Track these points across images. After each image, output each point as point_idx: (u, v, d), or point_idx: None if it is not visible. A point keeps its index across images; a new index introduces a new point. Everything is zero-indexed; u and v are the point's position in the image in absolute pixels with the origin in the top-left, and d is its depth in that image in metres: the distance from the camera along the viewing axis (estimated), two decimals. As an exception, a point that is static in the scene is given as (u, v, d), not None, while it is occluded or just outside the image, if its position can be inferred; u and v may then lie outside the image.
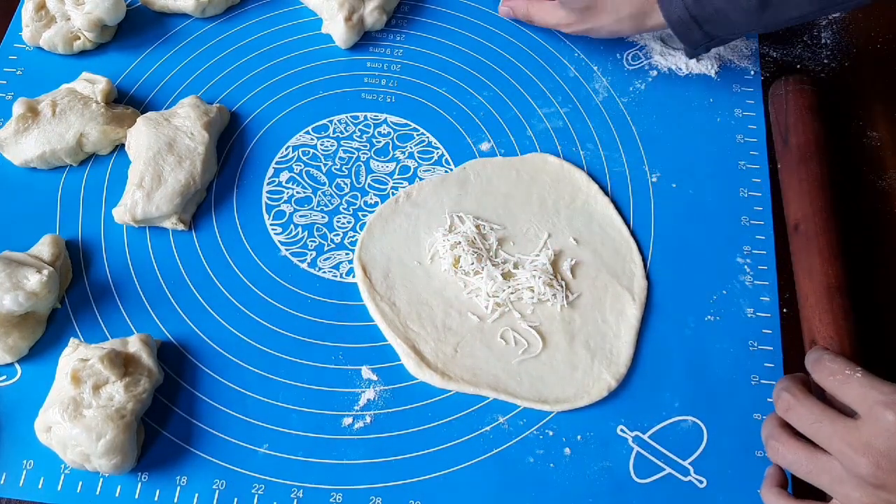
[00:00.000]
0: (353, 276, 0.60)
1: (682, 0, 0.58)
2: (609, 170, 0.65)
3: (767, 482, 0.50)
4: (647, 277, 0.60)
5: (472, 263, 0.59)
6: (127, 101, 0.68)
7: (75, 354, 0.53)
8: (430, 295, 0.59)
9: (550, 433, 0.54)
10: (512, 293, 0.58)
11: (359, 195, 0.64)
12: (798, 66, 0.70)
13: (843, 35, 0.72)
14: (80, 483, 0.53)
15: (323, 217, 0.63)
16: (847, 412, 0.46)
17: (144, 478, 0.53)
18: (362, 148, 0.66)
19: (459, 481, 0.53)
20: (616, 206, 0.63)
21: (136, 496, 0.52)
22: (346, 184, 0.65)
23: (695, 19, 0.58)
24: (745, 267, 0.61)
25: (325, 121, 0.68)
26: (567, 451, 0.54)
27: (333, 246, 0.62)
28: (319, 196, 0.64)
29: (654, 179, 0.65)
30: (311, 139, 0.67)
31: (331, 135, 0.67)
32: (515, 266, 0.59)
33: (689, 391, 0.56)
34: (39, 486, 0.53)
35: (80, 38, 0.69)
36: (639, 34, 0.68)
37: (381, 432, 0.55)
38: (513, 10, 0.71)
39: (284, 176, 0.65)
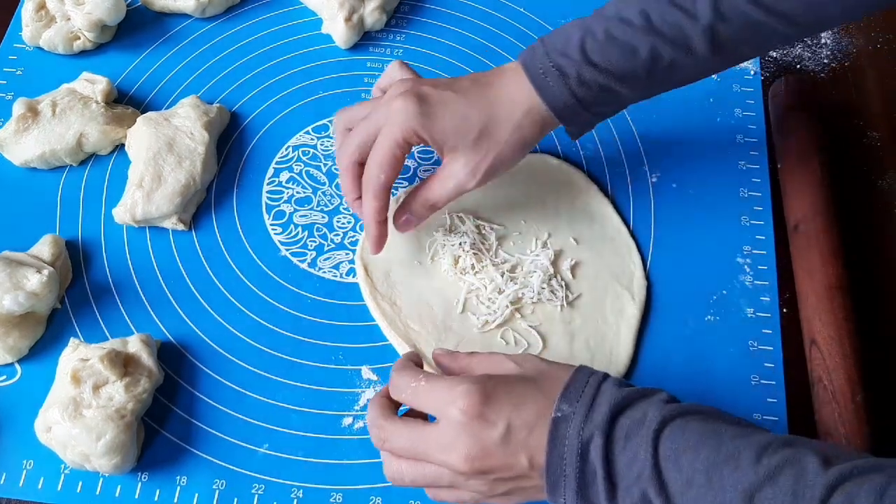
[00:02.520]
0: (354, 276, 0.60)
1: (566, 84, 0.51)
2: (609, 170, 0.65)
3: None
4: (647, 277, 0.60)
5: (473, 263, 0.59)
6: (127, 101, 0.68)
7: (75, 354, 0.53)
8: (430, 295, 0.59)
9: (550, 433, 0.54)
10: (512, 293, 0.58)
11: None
12: (798, 66, 0.70)
13: (843, 35, 0.72)
14: (80, 483, 0.53)
15: (323, 217, 0.63)
16: None
17: (144, 478, 0.53)
18: (362, 148, 0.66)
19: (459, 481, 0.53)
20: (616, 206, 0.63)
21: (136, 496, 0.52)
22: (346, 184, 0.65)
23: (580, 102, 0.52)
24: (745, 267, 0.61)
25: (325, 121, 0.68)
26: (567, 451, 0.54)
27: (333, 246, 0.62)
28: (319, 196, 0.64)
29: (654, 179, 0.65)
30: (311, 139, 0.67)
31: (331, 135, 0.67)
32: (515, 266, 0.59)
33: (688, 391, 0.56)
34: (39, 486, 0.53)
35: (80, 38, 0.70)
36: (543, 136, 0.55)
37: (381, 432, 0.54)
38: (409, 213, 0.56)
39: (284, 176, 0.65)
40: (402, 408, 0.48)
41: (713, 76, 0.68)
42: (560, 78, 0.51)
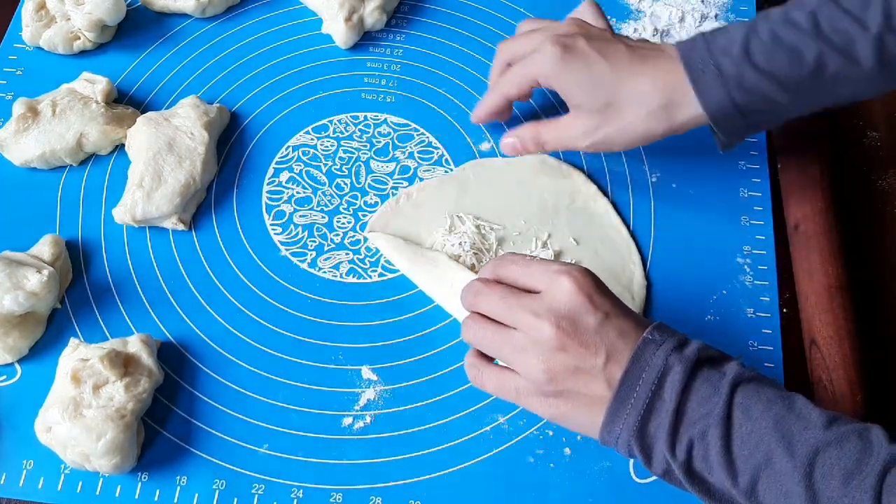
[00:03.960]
0: (354, 276, 0.60)
1: (724, 85, 0.49)
2: (609, 170, 0.65)
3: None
4: (647, 277, 0.60)
5: (473, 263, 0.59)
6: (127, 101, 0.68)
7: (75, 354, 0.53)
8: (431, 295, 0.59)
9: (550, 433, 0.54)
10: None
11: (359, 195, 0.64)
12: (798, 66, 0.70)
13: (843, 35, 0.72)
14: (80, 483, 0.53)
15: (323, 217, 0.63)
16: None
17: (144, 478, 0.53)
18: (362, 148, 0.66)
19: (459, 481, 0.53)
20: (616, 206, 0.63)
21: (136, 496, 0.52)
22: (346, 184, 0.65)
23: (737, 107, 0.50)
24: (745, 267, 0.61)
25: (325, 121, 0.68)
26: (567, 451, 0.54)
27: (333, 246, 0.62)
28: (319, 196, 0.64)
29: (654, 179, 0.65)
30: (311, 139, 0.67)
31: (331, 135, 0.67)
32: (515, 266, 0.59)
33: (689, 391, 0.56)
34: (39, 486, 0.53)
35: (80, 38, 0.69)
36: (670, 134, 0.54)
37: (381, 432, 0.55)
38: (519, 139, 0.61)
39: (284, 176, 0.65)
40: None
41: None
42: (718, 77, 0.49)
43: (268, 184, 0.65)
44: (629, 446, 0.43)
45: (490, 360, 0.48)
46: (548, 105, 0.68)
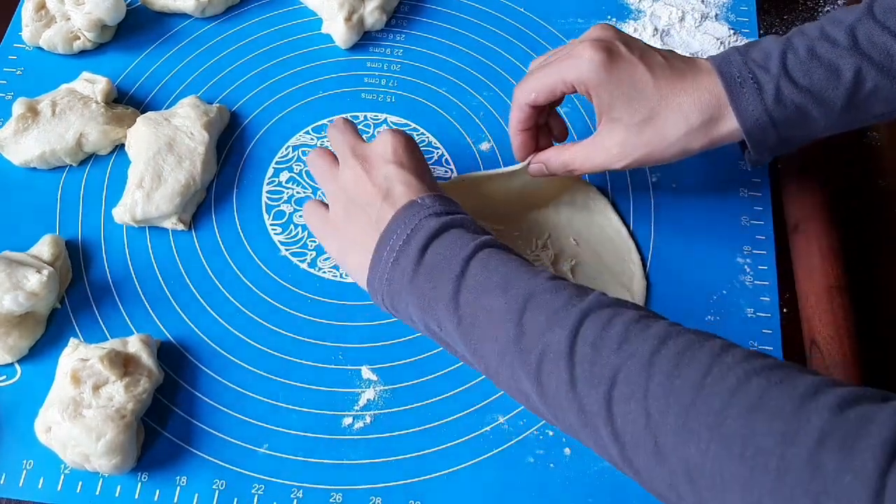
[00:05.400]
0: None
1: (761, 99, 0.48)
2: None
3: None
4: (647, 277, 0.60)
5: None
6: (127, 101, 0.68)
7: (75, 354, 0.53)
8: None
9: (550, 433, 0.54)
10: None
11: (359, 195, 0.64)
12: (798, 66, 0.70)
13: (843, 35, 0.72)
14: (80, 483, 0.53)
15: (323, 217, 0.63)
16: None
17: (144, 478, 0.53)
18: (362, 148, 0.66)
19: (459, 481, 0.53)
20: (616, 207, 0.63)
21: (136, 496, 0.52)
22: (346, 184, 0.65)
23: (773, 121, 0.49)
24: (745, 267, 0.61)
25: (325, 121, 0.68)
26: (567, 451, 0.54)
27: (333, 246, 0.62)
28: (319, 196, 0.64)
29: (654, 179, 0.64)
30: (311, 139, 0.67)
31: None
32: (515, 266, 0.59)
33: (689, 391, 0.56)
34: (39, 486, 0.53)
35: (80, 38, 0.69)
36: (705, 150, 0.52)
37: (381, 432, 0.55)
38: (546, 165, 0.56)
39: (284, 176, 0.65)
40: None
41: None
42: (756, 90, 0.48)
43: (268, 184, 0.65)
44: (384, 302, 0.48)
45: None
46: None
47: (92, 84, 0.66)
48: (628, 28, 0.72)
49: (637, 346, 0.39)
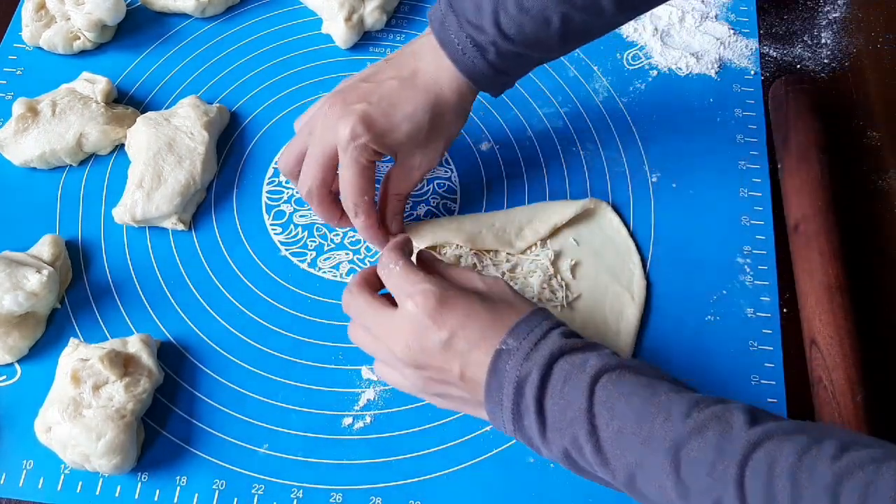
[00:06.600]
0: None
1: (484, 58, 0.52)
2: (609, 170, 0.65)
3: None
4: (647, 277, 0.60)
5: (474, 263, 0.59)
6: (127, 101, 0.68)
7: (75, 354, 0.53)
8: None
9: (550, 433, 0.54)
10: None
11: (359, 195, 0.64)
12: (798, 66, 0.70)
13: (842, 35, 0.72)
14: (80, 483, 0.53)
15: (323, 217, 0.63)
16: None
17: (144, 478, 0.53)
18: (362, 148, 0.66)
19: (459, 481, 0.53)
20: (616, 207, 0.63)
21: (136, 496, 0.52)
22: (346, 184, 0.64)
23: (497, 71, 0.53)
24: (745, 267, 0.61)
25: (325, 121, 0.68)
26: (567, 451, 0.54)
27: (333, 246, 0.62)
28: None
29: (654, 179, 0.64)
30: (311, 139, 0.67)
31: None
32: (515, 266, 0.59)
33: (689, 391, 0.56)
34: (39, 486, 0.53)
35: (80, 38, 0.69)
36: (472, 102, 0.57)
37: (381, 432, 0.55)
38: (390, 214, 0.58)
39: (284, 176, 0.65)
40: (384, 288, 0.51)
41: (713, 76, 0.69)
42: (477, 51, 0.52)
43: (268, 184, 0.65)
44: (520, 441, 0.46)
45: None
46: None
47: (92, 84, 0.66)
48: (628, 28, 0.72)
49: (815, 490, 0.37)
